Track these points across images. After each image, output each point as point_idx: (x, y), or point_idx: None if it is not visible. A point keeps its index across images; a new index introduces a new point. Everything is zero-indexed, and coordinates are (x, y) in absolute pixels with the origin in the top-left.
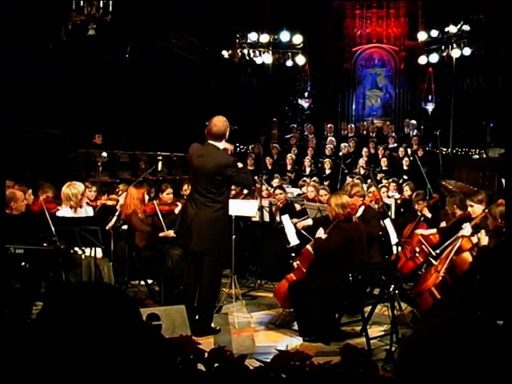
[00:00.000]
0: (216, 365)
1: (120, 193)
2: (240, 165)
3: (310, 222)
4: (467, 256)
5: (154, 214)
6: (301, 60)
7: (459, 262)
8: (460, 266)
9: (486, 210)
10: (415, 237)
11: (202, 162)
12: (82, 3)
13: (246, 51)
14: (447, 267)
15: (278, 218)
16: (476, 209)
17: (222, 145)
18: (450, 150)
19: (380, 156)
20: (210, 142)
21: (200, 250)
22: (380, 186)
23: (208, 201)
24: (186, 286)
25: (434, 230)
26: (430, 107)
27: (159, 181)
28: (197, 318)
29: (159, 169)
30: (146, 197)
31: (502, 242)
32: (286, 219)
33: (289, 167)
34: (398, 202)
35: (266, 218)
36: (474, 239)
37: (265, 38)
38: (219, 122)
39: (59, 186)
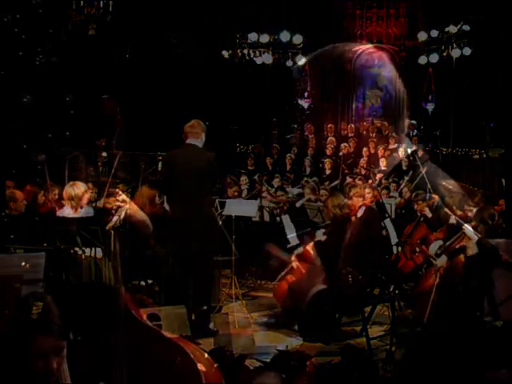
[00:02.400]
0: (216, 365)
1: (120, 193)
2: None
3: (322, 233)
4: (463, 257)
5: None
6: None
7: (457, 263)
8: (458, 266)
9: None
10: (415, 237)
11: (189, 162)
12: (81, 3)
13: (246, 51)
14: (446, 267)
15: (278, 219)
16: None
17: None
18: (450, 149)
19: (380, 156)
20: (189, 142)
21: (207, 250)
22: (380, 186)
23: (201, 202)
24: (179, 288)
25: (440, 242)
26: (430, 107)
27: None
28: (194, 318)
29: (159, 169)
30: (157, 199)
31: (499, 242)
32: (286, 219)
33: (288, 167)
34: (402, 202)
35: (266, 218)
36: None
37: (265, 37)
38: (196, 123)
39: (59, 186)
